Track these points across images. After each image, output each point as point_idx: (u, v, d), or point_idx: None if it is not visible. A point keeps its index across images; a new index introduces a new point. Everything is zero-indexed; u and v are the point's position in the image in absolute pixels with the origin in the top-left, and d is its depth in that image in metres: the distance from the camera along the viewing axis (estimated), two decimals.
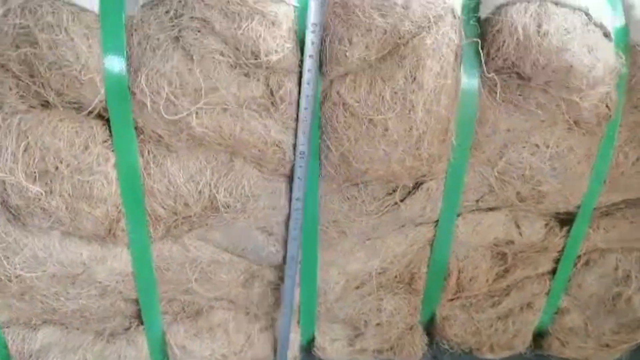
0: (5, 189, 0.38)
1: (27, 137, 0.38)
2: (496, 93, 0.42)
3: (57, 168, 0.38)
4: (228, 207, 0.42)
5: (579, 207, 0.50)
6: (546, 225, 0.52)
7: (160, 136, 0.40)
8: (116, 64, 0.37)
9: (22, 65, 0.36)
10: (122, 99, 0.38)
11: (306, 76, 0.39)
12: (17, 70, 0.36)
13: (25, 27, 0.35)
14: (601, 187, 0.48)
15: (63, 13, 0.35)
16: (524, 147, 0.45)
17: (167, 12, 0.36)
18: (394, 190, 0.45)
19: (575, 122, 0.44)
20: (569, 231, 0.52)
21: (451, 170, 0.45)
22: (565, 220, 0.52)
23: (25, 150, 0.38)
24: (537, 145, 0.45)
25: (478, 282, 0.54)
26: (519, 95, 0.42)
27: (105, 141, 0.40)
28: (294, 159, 0.42)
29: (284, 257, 0.47)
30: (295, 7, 0.39)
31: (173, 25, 0.36)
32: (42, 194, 0.38)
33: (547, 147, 0.45)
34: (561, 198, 0.48)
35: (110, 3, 0.37)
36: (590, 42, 0.41)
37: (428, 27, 0.38)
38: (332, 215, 0.46)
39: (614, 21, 0.44)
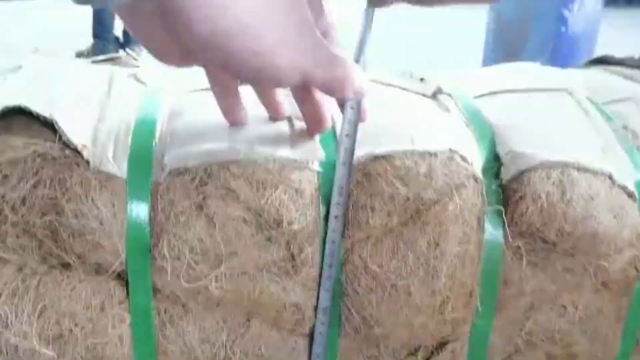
0: (17, 353, 0.37)
1: (45, 300, 0.37)
2: (521, 256, 0.41)
3: (71, 331, 0.37)
4: None
5: None
6: None
7: (177, 296, 0.39)
8: (139, 229, 0.37)
9: (46, 231, 0.36)
10: (143, 264, 0.38)
11: (330, 236, 0.39)
12: (40, 235, 0.36)
13: (54, 197, 0.35)
14: (633, 347, 0.46)
15: (91, 182, 0.36)
16: (552, 308, 0.43)
17: (192, 179, 0.37)
18: (416, 350, 0.43)
19: (604, 284, 0.43)
20: None
21: (476, 332, 0.43)
22: None
23: (41, 314, 0.37)
24: (565, 307, 0.43)
25: None
26: (545, 258, 0.41)
27: (122, 302, 0.39)
28: (315, 318, 0.41)
29: None
30: (319, 172, 0.39)
31: (198, 193, 0.37)
32: (54, 358, 0.37)
33: (576, 308, 0.43)
34: (593, 359, 0.46)
35: (138, 170, 0.38)
36: (615, 207, 0.40)
37: (450, 193, 0.38)
38: None
39: (636, 177, 0.44)
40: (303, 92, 0.39)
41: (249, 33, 0.29)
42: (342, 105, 0.38)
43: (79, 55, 3.58)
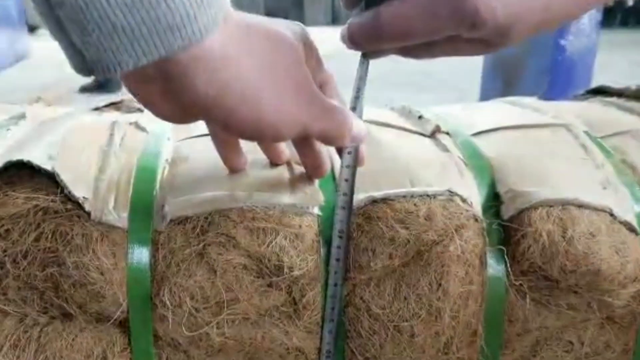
0: None
1: (46, 351, 0.37)
2: (524, 294, 0.41)
3: None
4: None
5: None
6: None
7: (179, 343, 0.39)
8: (140, 278, 0.37)
9: (47, 283, 0.36)
10: (144, 312, 0.38)
11: (332, 279, 0.39)
12: (42, 287, 0.37)
13: (55, 250, 0.36)
14: None
15: (92, 234, 0.36)
16: (558, 344, 0.43)
17: (193, 228, 0.37)
18: None
19: (609, 319, 0.43)
20: None
21: None
22: None
23: None
24: (571, 343, 0.43)
25: None
26: (548, 296, 0.41)
27: (124, 350, 0.39)
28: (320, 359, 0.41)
29: None
30: (319, 215, 0.39)
31: (199, 241, 0.37)
32: None
33: (582, 344, 0.43)
34: None
35: (139, 219, 0.38)
36: (617, 242, 0.40)
37: (451, 234, 0.38)
38: None
39: (637, 210, 0.44)
40: (302, 140, 0.39)
41: (249, 96, 0.30)
42: (340, 151, 0.39)
43: (83, 90, 3.63)
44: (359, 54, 0.37)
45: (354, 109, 0.38)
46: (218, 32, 0.28)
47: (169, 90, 0.29)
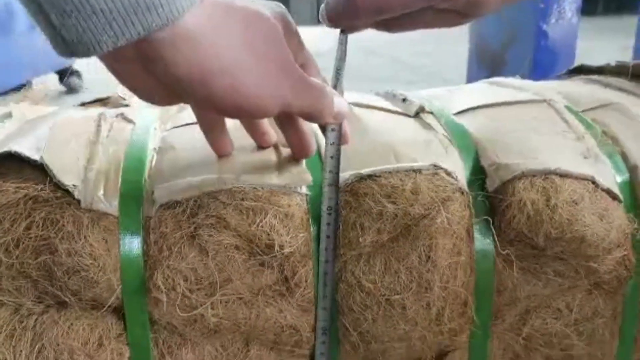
0: None
1: (42, 339, 0.38)
2: (512, 263, 0.41)
3: None
4: None
5: None
6: None
7: (174, 326, 0.39)
8: (133, 263, 0.38)
9: (40, 271, 0.37)
10: (139, 297, 0.38)
11: (324, 255, 0.39)
12: (35, 276, 0.37)
13: (47, 237, 0.36)
14: (632, 346, 0.46)
15: (83, 221, 0.37)
16: (547, 312, 0.44)
17: (183, 211, 0.38)
18: None
19: (596, 285, 0.44)
20: None
21: (474, 340, 0.43)
22: None
23: (39, 353, 0.37)
24: (560, 310, 0.44)
25: None
26: (535, 264, 0.42)
27: (120, 336, 0.39)
28: (316, 337, 0.41)
29: None
30: (307, 195, 0.40)
31: (189, 224, 0.37)
32: None
33: (571, 311, 0.44)
34: (593, 359, 0.46)
35: (129, 206, 0.38)
36: (600, 209, 0.41)
37: (438, 207, 0.39)
38: None
39: (619, 182, 0.45)
40: (286, 121, 0.40)
41: (228, 72, 0.30)
42: (324, 129, 0.39)
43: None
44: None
45: (335, 87, 0.39)
46: (196, 11, 0.28)
47: (150, 70, 0.30)
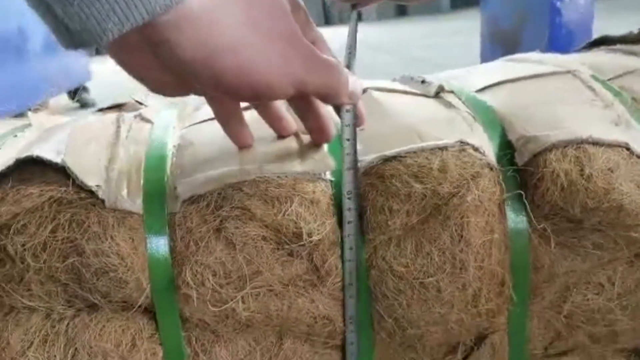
0: None
1: (75, 344, 0.37)
2: (548, 238, 0.40)
3: None
4: None
5: None
6: None
7: (206, 323, 0.39)
8: (161, 261, 0.37)
9: (69, 274, 0.36)
10: (168, 295, 0.37)
11: (347, 242, 0.38)
12: (64, 279, 0.37)
13: (73, 239, 0.36)
14: None
15: (109, 220, 0.36)
16: (588, 288, 0.42)
17: (207, 205, 0.37)
18: (455, 348, 0.42)
19: (637, 255, 0.42)
20: None
21: (513, 321, 0.42)
22: None
23: (73, 357, 0.37)
24: (601, 285, 0.42)
25: None
26: (573, 237, 0.40)
27: (152, 336, 0.39)
28: (345, 327, 0.40)
29: None
30: (332, 181, 0.39)
31: (214, 217, 0.37)
32: None
33: (613, 285, 0.42)
34: (638, 334, 0.44)
35: (153, 204, 0.38)
36: (637, 176, 0.40)
37: (467, 185, 0.38)
38: None
39: None
40: (303, 106, 0.39)
41: (235, 51, 0.29)
42: (339, 110, 0.38)
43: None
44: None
45: (348, 66, 0.38)
46: None
47: (156, 56, 0.29)
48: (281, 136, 0.43)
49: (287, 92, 0.32)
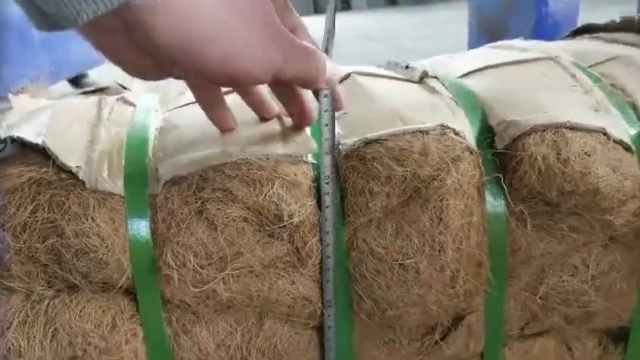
0: None
1: (55, 324, 0.37)
2: (525, 221, 0.41)
3: (85, 351, 0.37)
4: None
5: (631, 321, 0.47)
6: (599, 343, 0.49)
7: (187, 304, 0.39)
8: (142, 242, 0.37)
9: (49, 255, 0.36)
10: (149, 276, 0.38)
11: (325, 225, 0.39)
12: (44, 260, 0.37)
13: (53, 220, 0.36)
14: None
15: (89, 201, 0.36)
16: (563, 269, 0.43)
17: (189, 186, 0.37)
18: (433, 329, 0.43)
19: (612, 239, 0.43)
20: (625, 347, 0.49)
21: (490, 302, 0.43)
22: (620, 335, 0.49)
23: (53, 337, 0.37)
24: (576, 267, 0.43)
25: None
26: (549, 220, 0.41)
27: (133, 317, 0.39)
28: (323, 309, 0.41)
29: None
30: (313, 163, 0.39)
31: (196, 199, 0.37)
32: None
33: (587, 267, 0.43)
34: (611, 315, 0.45)
35: (134, 186, 0.38)
36: (613, 160, 0.40)
37: (447, 168, 0.38)
38: None
39: (631, 132, 0.44)
40: (283, 90, 0.39)
41: (214, 39, 0.29)
42: (317, 95, 0.38)
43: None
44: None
45: (326, 51, 0.38)
46: None
47: (133, 41, 0.29)
48: (263, 119, 0.43)
49: (265, 79, 0.32)
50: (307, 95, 0.40)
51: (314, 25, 0.39)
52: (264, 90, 0.42)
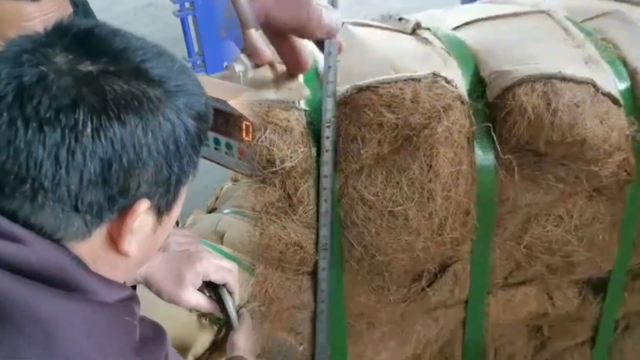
0: None
1: None
2: (513, 171, 0.41)
3: None
4: (253, 312, 0.41)
5: (611, 272, 0.49)
6: (579, 293, 0.51)
7: None
8: None
9: None
10: None
11: (324, 170, 0.39)
12: None
13: None
14: (631, 250, 0.47)
15: None
16: (548, 220, 0.44)
17: None
18: (420, 276, 0.44)
19: (596, 190, 0.44)
20: (604, 297, 0.51)
21: (476, 250, 0.44)
22: (599, 286, 0.50)
23: None
24: (560, 217, 0.44)
25: (516, 359, 0.51)
26: (537, 171, 0.42)
27: None
28: (317, 253, 0.41)
29: (312, 355, 0.46)
30: (306, 110, 0.39)
31: None
32: None
33: (571, 217, 0.44)
34: (592, 265, 0.47)
35: None
36: (601, 112, 0.41)
37: (438, 116, 0.39)
38: (359, 308, 0.45)
39: (620, 86, 0.44)
40: (277, 38, 0.39)
41: None
42: (318, 42, 0.38)
43: None
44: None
45: (332, 3, 0.37)
46: None
47: None
48: (256, 65, 0.42)
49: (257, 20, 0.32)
50: (301, 43, 0.39)
51: None
52: (256, 35, 0.42)
